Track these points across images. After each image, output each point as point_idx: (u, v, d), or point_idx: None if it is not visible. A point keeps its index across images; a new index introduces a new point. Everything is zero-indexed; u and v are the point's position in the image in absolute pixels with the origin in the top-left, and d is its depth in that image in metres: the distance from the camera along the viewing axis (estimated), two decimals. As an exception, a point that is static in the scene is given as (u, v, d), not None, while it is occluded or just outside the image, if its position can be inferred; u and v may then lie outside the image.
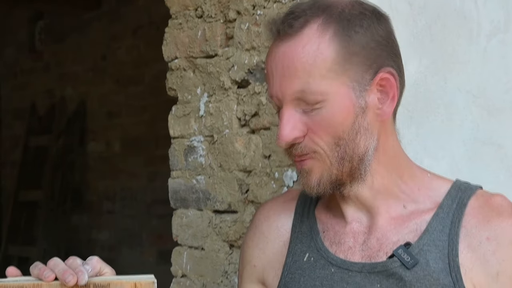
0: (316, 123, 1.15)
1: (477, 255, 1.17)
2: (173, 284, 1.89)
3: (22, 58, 5.74)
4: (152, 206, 4.41)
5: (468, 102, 1.82)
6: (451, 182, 1.26)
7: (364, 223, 1.24)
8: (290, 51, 1.16)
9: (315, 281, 1.24)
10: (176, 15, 1.89)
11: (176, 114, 1.90)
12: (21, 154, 5.55)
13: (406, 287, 1.16)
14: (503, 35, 1.90)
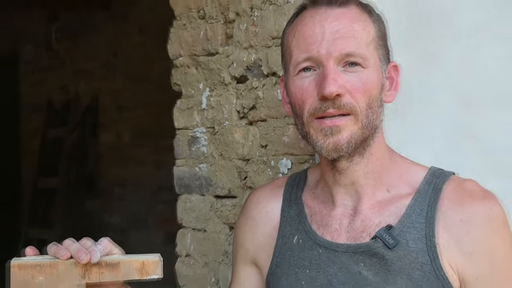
0: (355, 84, 1.18)
1: (452, 235, 1.18)
2: (178, 263, 1.90)
3: (39, 56, 5.71)
4: (158, 192, 4.41)
5: (449, 97, 1.82)
6: (427, 169, 1.27)
7: (350, 207, 1.25)
8: (345, 16, 1.20)
9: (304, 261, 1.25)
10: (180, 16, 1.90)
11: (181, 108, 1.91)
12: (39, 145, 5.55)
13: (388, 266, 1.17)
14: (482, 34, 1.90)
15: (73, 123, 5.27)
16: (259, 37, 1.68)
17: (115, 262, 1.25)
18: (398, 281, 1.17)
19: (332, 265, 1.22)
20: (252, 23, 1.70)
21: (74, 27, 5.32)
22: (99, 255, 1.17)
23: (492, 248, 1.18)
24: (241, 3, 1.72)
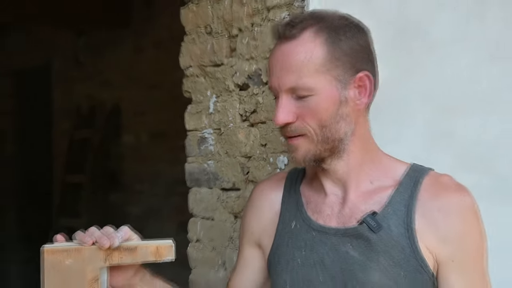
0: (305, 110, 1.17)
1: (428, 222, 1.17)
2: (189, 247, 1.90)
3: (68, 68, 5.73)
4: (173, 185, 4.41)
5: (425, 101, 1.82)
6: (408, 164, 1.27)
7: (339, 196, 1.25)
8: (289, 51, 1.17)
9: (300, 243, 1.25)
10: (190, 32, 1.90)
11: (191, 112, 1.91)
12: (68, 145, 5.56)
13: (371, 246, 1.17)
14: (454, 45, 1.90)
15: (98, 126, 5.28)
16: (258, 50, 1.68)
17: (133, 247, 1.25)
18: (380, 259, 1.16)
19: (323, 246, 1.22)
20: (252, 37, 1.70)
21: (98, 43, 5.33)
22: (119, 241, 1.18)
23: (463, 234, 1.18)
24: (243, 20, 1.72)
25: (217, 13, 1.80)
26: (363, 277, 1.17)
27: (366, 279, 1.17)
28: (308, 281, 1.22)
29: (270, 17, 1.65)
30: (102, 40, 5.23)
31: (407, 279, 1.16)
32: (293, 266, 1.25)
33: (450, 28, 1.90)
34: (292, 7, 1.60)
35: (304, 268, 1.23)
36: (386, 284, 1.16)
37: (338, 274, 1.19)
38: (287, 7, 1.61)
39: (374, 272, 1.16)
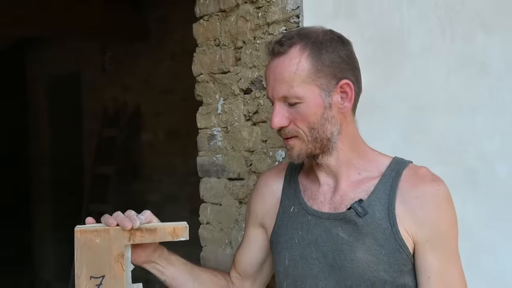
0: (296, 115, 1.19)
1: (408, 208, 1.18)
2: (201, 229, 1.91)
3: (96, 76, 5.75)
4: (186, 176, 4.42)
5: (403, 103, 1.82)
6: (391, 158, 1.27)
7: (331, 185, 1.26)
8: (280, 64, 1.18)
9: (297, 225, 1.26)
10: (201, 44, 1.90)
11: (202, 113, 1.91)
12: (97, 141, 5.57)
13: (358, 229, 1.18)
14: (428, 54, 1.90)
15: (122, 126, 5.31)
16: (260, 59, 1.68)
17: (153, 228, 1.26)
18: (366, 240, 1.17)
19: (317, 228, 1.23)
20: (255, 49, 1.71)
21: (121, 54, 5.35)
22: (139, 223, 1.20)
23: (437, 218, 1.19)
24: (247, 34, 1.72)
25: (224, 28, 1.81)
26: (351, 255, 1.18)
27: (353, 256, 1.17)
28: (303, 258, 1.23)
29: (270, 31, 1.66)
30: (124, 52, 5.24)
31: (388, 256, 1.16)
32: (291, 244, 1.26)
33: (423, 43, 1.91)
34: (288, 22, 1.61)
35: (300, 247, 1.24)
36: (369, 261, 1.16)
37: (329, 252, 1.20)
38: (284, 23, 1.62)
39: (360, 251, 1.17)
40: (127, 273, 1.25)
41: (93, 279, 1.23)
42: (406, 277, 1.18)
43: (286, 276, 1.26)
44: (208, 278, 1.38)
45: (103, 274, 1.23)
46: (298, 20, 1.58)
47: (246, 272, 1.41)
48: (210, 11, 1.85)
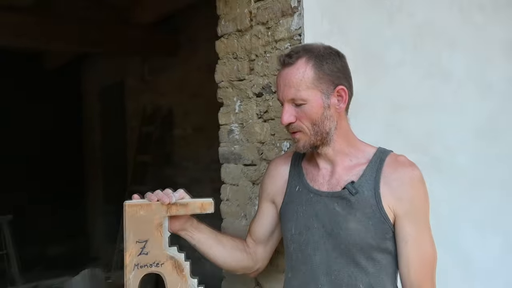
0: (302, 114, 1.18)
1: (389, 188, 1.18)
2: (222, 204, 1.90)
3: (137, 83, 5.77)
4: (209, 164, 4.42)
5: (383, 104, 1.81)
6: (376, 148, 1.27)
7: (329, 170, 1.25)
8: (289, 73, 1.18)
9: (302, 201, 1.26)
10: (222, 57, 1.89)
11: (222, 112, 1.90)
12: (137, 136, 5.58)
13: (351, 205, 1.18)
14: (403, 66, 1.89)
15: (157, 123, 5.31)
16: (269, 69, 1.67)
17: (185, 203, 1.26)
18: (356, 214, 1.17)
19: (318, 203, 1.22)
20: (265, 61, 1.69)
21: (157, 66, 5.36)
22: (174, 199, 1.21)
23: (413, 195, 1.19)
24: (259, 49, 1.71)
25: (240, 44, 1.79)
26: (345, 225, 1.17)
27: (346, 226, 1.17)
28: (307, 227, 1.23)
29: (277, 47, 1.64)
30: (160, 65, 5.25)
31: (374, 227, 1.16)
32: (296, 217, 1.25)
33: (399, 56, 1.90)
34: (292, 40, 1.59)
35: (304, 218, 1.24)
36: (359, 230, 1.16)
37: (327, 223, 1.20)
38: (289, 40, 1.60)
39: (352, 222, 1.17)
40: (165, 239, 1.24)
41: (138, 243, 1.23)
42: (388, 243, 1.18)
43: (293, 242, 1.26)
44: (228, 243, 1.38)
45: (146, 239, 1.23)
46: (300, 38, 1.56)
47: (259, 239, 1.40)
48: (229, 31, 1.83)
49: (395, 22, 1.86)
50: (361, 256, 1.16)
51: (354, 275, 1.17)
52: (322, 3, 1.60)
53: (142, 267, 1.23)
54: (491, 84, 2.41)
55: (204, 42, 4.52)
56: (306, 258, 1.22)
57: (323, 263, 1.19)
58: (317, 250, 1.20)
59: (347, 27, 1.68)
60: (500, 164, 2.48)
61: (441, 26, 2.07)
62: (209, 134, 4.62)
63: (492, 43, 2.40)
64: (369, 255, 1.16)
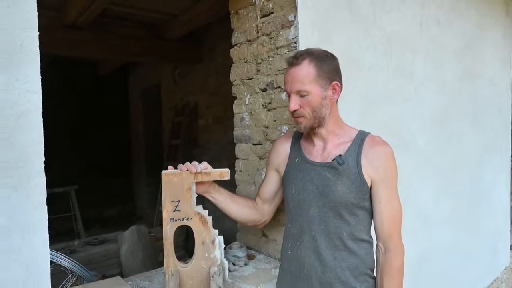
0: (305, 103, 1.16)
1: (368, 160, 1.17)
2: (236, 174, 1.90)
3: (170, 84, 5.73)
4: (225, 145, 4.41)
5: (360, 98, 1.79)
6: (357, 130, 1.25)
7: (322, 146, 1.24)
8: (296, 71, 1.16)
9: (300, 169, 1.25)
10: (235, 61, 1.87)
11: (236, 104, 1.88)
12: (171, 125, 5.56)
13: (339, 172, 1.17)
14: (375, 68, 1.86)
15: (186, 114, 5.27)
16: (272, 70, 1.65)
17: (208, 172, 1.26)
18: (343, 179, 1.16)
19: (313, 171, 1.21)
20: (269, 63, 1.67)
21: (185, 71, 5.31)
22: (200, 169, 1.21)
23: (386, 166, 1.17)
24: (263, 54, 1.69)
25: (249, 51, 1.77)
26: (333, 188, 1.17)
27: (334, 188, 1.16)
28: (304, 189, 1.22)
29: (278, 52, 1.62)
30: (187, 69, 5.21)
31: (355, 189, 1.16)
32: (296, 181, 1.24)
33: (373, 59, 1.86)
34: (289, 47, 1.57)
35: (302, 182, 1.23)
36: (344, 191, 1.16)
37: (320, 186, 1.19)
38: (287, 47, 1.58)
39: (338, 185, 1.16)
40: (193, 199, 1.25)
41: (173, 202, 1.23)
42: (365, 202, 1.18)
43: (293, 199, 1.26)
44: (242, 202, 1.38)
45: (179, 199, 1.23)
46: (296, 45, 1.54)
47: (266, 198, 1.40)
48: (241, 41, 1.81)
49: (369, 34, 1.83)
50: (345, 211, 1.16)
51: (339, 225, 1.17)
52: (313, 19, 1.58)
53: (176, 220, 1.23)
54: (445, 83, 2.38)
55: (221, 51, 4.49)
56: (302, 212, 1.22)
57: (315, 216, 1.19)
58: (311, 206, 1.20)
59: (332, 37, 1.66)
60: (449, 145, 2.46)
61: (405, 37, 2.03)
62: (225, 123, 4.64)
63: (446, 50, 2.36)
64: (351, 211, 1.17)
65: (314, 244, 1.19)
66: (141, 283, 1.42)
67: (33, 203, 0.86)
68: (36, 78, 0.85)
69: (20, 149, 0.85)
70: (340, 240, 1.17)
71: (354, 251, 1.17)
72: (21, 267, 0.84)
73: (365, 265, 1.18)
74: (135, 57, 4.55)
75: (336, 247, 1.17)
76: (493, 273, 3.19)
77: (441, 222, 2.40)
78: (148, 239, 3.37)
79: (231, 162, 2.01)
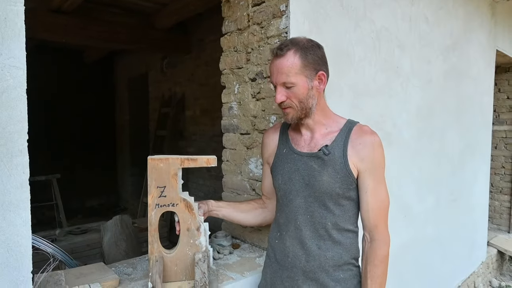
0: (291, 94, 1.15)
1: (354, 150, 1.16)
2: (223, 164, 1.89)
3: (157, 75, 5.65)
4: (212, 137, 4.39)
5: (349, 90, 1.80)
6: (346, 119, 1.24)
7: (309, 136, 1.24)
8: (281, 62, 1.14)
9: (287, 159, 1.25)
10: (225, 50, 1.84)
11: (225, 93, 1.86)
12: (157, 115, 5.48)
13: (325, 162, 1.17)
14: (363, 62, 1.87)
15: (173, 105, 5.21)
16: (262, 59, 1.64)
17: (195, 158, 1.24)
18: (328, 169, 1.16)
19: (299, 161, 1.21)
20: (259, 53, 1.65)
21: (173, 61, 5.24)
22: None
23: (373, 156, 1.17)
24: (254, 44, 1.67)
25: (240, 40, 1.75)
26: (319, 178, 1.17)
27: (320, 179, 1.16)
28: (290, 179, 1.22)
29: (268, 42, 1.61)
30: (176, 60, 5.15)
31: (341, 179, 1.16)
32: (283, 171, 1.24)
33: (362, 53, 1.87)
34: (280, 37, 1.56)
35: (289, 173, 1.23)
36: (330, 182, 1.16)
37: (306, 176, 1.19)
38: (278, 37, 1.57)
39: (324, 175, 1.16)
40: (179, 185, 1.24)
41: (158, 188, 1.22)
42: (351, 192, 1.18)
43: (279, 190, 1.25)
44: (247, 207, 1.40)
45: (165, 185, 1.22)
46: (287, 35, 1.54)
47: (269, 194, 1.40)
48: (231, 30, 1.79)
49: (359, 27, 1.84)
50: (330, 201, 1.16)
51: (324, 215, 1.17)
52: (304, 9, 1.57)
53: (161, 206, 1.22)
54: (431, 79, 2.41)
55: (210, 43, 4.44)
56: (289, 202, 1.22)
57: (301, 206, 1.19)
58: (297, 197, 1.20)
59: (323, 28, 1.66)
60: (433, 140, 2.51)
61: (394, 32, 2.05)
62: (213, 115, 4.61)
63: (433, 47, 2.39)
64: (336, 201, 1.16)
65: (299, 234, 1.19)
66: (124, 269, 1.41)
67: (15, 182, 0.84)
68: (21, 54, 0.83)
69: (2, 126, 0.82)
70: (325, 230, 1.17)
71: (338, 241, 1.17)
72: (1, 247, 0.82)
73: (349, 255, 1.19)
74: (122, 45, 4.46)
75: (321, 237, 1.17)
76: (471, 267, 3.28)
77: (423, 215, 2.45)
78: (131, 229, 3.33)
79: (217, 154, 2.00)
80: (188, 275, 1.25)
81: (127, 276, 1.35)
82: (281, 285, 1.24)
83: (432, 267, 2.63)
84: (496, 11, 3.25)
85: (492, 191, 4.46)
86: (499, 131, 4.42)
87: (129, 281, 1.31)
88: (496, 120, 4.44)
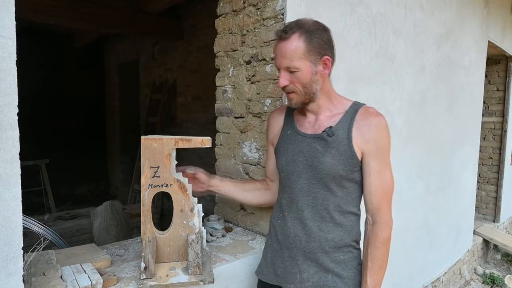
0: (295, 79, 1.13)
1: (359, 132, 1.15)
2: (216, 148, 1.87)
3: (149, 61, 5.57)
4: (204, 124, 4.36)
5: (344, 76, 1.79)
6: (352, 101, 1.23)
7: (313, 118, 1.22)
8: (285, 45, 1.12)
9: (291, 141, 1.24)
10: (220, 32, 1.82)
11: (219, 76, 1.84)
12: (148, 101, 5.43)
13: (328, 144, 1.16)
14: (359, 47, 1.86)
15: (164, 92, 5.15)
16: (257, 42, 1.62)
17: (189, 138, 1.23)
18: (332, 151, 1.15)
19: (303, 143, 1.20)
20: (254, 35, 1.63)
21: (165, 47, 5.17)
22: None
23: (378, 138, 1.16)
24: (249, 25, 1.65)
25: (235, 22, 1.72)
26: (322, 159, 1.16)
27: (323, 160, 1.16)
28: (294, 160, 1.21)
29: (264, 24, 1.59)
30: (167, 46, 5.07)
31: (344, 161, 1.15)
32: (287, 152, 1.23)
33: (357, 39, 1.86)
34: (276, 18, 1.54)
35: (292, 154, 1.22)
36: (333, 163, 1.15)
37: (309, 157, 1.18)
38: (274, 19, 1.55)
39: (327, 157, 1.15)
40: (173, 166, 1.22)
41: (152, 168, 1.20)
42: (355, 174, 1.16)
43: (282, 171, 1.24)
44: (250, 186, 1.39)
45: (158, 165, 1.20)
46: (283, 17, 1.51)
47: (272, 176, 1.39)
48: (226, 11, 1.76)
49: (355, 12, 1.82)
50: (332, 183, 1.15)
51: (326, 197, 1.16)
52: (301, -9, 1.55)
53: (155, 187, 1.21)
54: (424, 67, 2.42)
55: (203, 28, 4.38)
56: (291, 183, 1.21)
57: (304, 188, 1.19)
58: (300, 178, 1.19)
59: (320, 11, 1.64)
60: (425, 128, 2.53)
61: (389, 18, 2.04)
62: (205, 102, 4.57)
63: (427, 35, 2.40)
64: (339, 183, 1.15)
65: (301, 215, 1.19)
66: (116, 251, 1.40)
67: (5, 156, 0.81)
68: (11, 23, 0.79)
69: (-9, 98, 0.80)
70: (327, 211, 1.16)
71: (340, 223, 1.17)
72: (-9, 222, 0.80)
73: (350, 237, 1.19)
74: (112, 29, 4.38)
75: (323, 219, 1.17)
76: (457, 254, 3.35)
77: (412, 203, 2.48)
78: (122, 215, 3.31)
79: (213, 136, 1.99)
80: (181, 256, 1.24)
81: (119, 257, 1.34)
82: (281, 264, 1.24)
83: (420, 253, 2.67)
84: (489, 1, 3.26)
85: (480, 181, 4.54)
86: (488, 122, 4.49)
87: (121, 261, 1.30)
88: (485, 112, 4.50)
